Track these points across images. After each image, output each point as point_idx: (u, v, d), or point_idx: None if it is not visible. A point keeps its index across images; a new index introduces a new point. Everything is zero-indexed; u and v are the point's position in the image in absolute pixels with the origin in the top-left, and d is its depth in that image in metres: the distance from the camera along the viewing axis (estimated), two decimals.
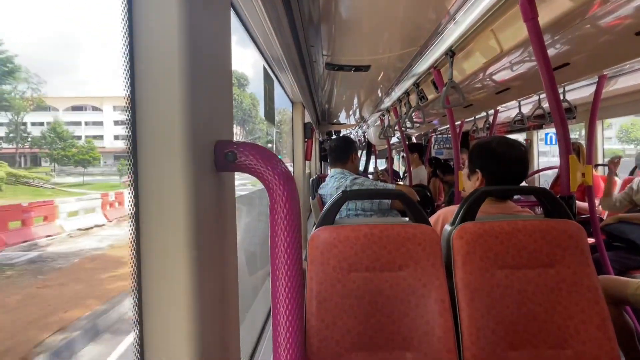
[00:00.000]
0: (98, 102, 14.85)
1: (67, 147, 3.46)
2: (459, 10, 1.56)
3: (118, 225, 8.14)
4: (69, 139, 3.74)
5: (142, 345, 0.43)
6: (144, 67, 0.42)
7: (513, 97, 2.98)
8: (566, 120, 1.37)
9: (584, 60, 1.96)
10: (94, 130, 15.14)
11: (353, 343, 1.13)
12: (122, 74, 0.43)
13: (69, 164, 3.92)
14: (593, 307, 1.11)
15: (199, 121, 0.45)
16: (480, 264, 1.14)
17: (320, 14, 1.62)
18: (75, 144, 3.77)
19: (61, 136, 3.36)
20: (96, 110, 15.04)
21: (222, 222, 0.52)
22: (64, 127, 3.67)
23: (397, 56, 2.25)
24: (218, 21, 0.54)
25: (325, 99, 4.00)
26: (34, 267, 5.59)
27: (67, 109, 15.34)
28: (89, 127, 14.98)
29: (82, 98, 16.07)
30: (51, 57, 11.78)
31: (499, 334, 1.10)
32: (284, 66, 1.81)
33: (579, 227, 1.18)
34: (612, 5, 1.30)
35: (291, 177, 0.48)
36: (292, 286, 0.47)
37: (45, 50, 10.26)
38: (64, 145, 3.39)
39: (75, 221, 7.33)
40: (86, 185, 4.70)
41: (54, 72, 14.50)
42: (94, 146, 4.09)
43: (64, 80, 9.56)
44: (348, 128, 7.06)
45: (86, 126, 14.69)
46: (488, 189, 1.27)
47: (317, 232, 1.22)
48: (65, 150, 3.50)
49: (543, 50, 1.30)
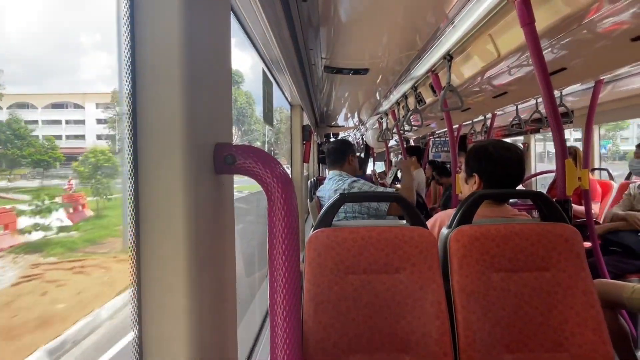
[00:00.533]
0: (80, 99, 14.22)
1: (24, 146, 3.18)
2: (457, 14, 1.57)
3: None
4: (27, 137, 3.46)
5: (141, 345, 0.44)
6: (145, 70, 0.43)
7: (510, 101, 3.00)
8: (562, 124, 1.38)
9: (580, 65, 1.98)
10: (76, 130, 14.51)
11: (350, 345, 1.13)
12: (124, 77, 0.43)
13: (25, 166, 3.54)
14: (588, 310, 1.12)
15: (199, 124, 0.45)
16: (477, 266, 1.15)
17: (319, 17, 1.63)
18: (33, 143, 3.51)
19: (18, 134, 3.09)
20: (78, 107, 14.45)
21: (221, 224, 0.53)
22: (22, 124, 3.40)
23: (395, 60, 2.26)
24: (218, 25, 0.54)
25: (324, 101, 4.01)
26: None
27: (47, 107, 14.66)
28: (70, 126, 14.31)
29: (63, 95, 15.16)
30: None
31: (495, 337, 1.11)
32: (282, 69, 1.82)
33: (575, 231, 1.18)
34: (609, 11, 1.32)
35: (289, 180, 0.48)
36: (289, 288, 0.47)
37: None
38: (21, 143, 3.13)
39: None
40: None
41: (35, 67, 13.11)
42: (55, 145, 3.86)
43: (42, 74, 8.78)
44: (346, 131, 7.08)
45: (67, 125, 14.06)
46: (485, 192, 1.28)
47: (315, 234, 1.22)
48: (22, 150, 3.22)
49: (540, 55, 1.32)
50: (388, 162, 6.07)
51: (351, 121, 5.82)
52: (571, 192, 1.39)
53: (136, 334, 0.44)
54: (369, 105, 4.11)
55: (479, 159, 1.42)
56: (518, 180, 1.40)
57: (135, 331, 0.44)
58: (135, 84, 0.43)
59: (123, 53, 0.43)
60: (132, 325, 0.44)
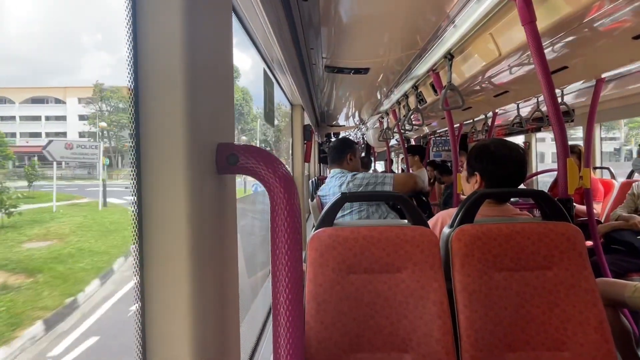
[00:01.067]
0: (61, 94, 13.17)
1: None
2: (458, 13, 1.57)
3: None
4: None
5: (144, 344, 0.44)
6: (147, 70, 0.43)
7: (512, 100, 2.99)
8: (564, 123, 1.38)
9: (581, 64, 1.98)
10: (57, 126, 13.30)
11: (352, 345, 1.13)
12: (126, 78, 0.44)
13: None
14: (591, 309, 1.12)
15: (201, 124, 0.45)
16: (479, 266, 1.15)
17: (320, 17, 1.63)
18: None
19: None
20: (59, 103, 13.23)
21: (223, 223, 0.53)
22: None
23: (396, 59, 2.26)
24: (220, 25, 0.54)
25: (325, 101, 4.01)
26: None
27: (26, 101, 13.27)
28: (50, 123, 13.09)
29: (43, 89, 13.64)
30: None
31: (497, 336, 1.11)
32: (283, 68, 1.82)
33: (577, 230, 1.18)
34: (610, 9, 1.31)
35: (292, 179, 0.48)
36: (292, 287, 0.47)
37: None
38: None
39: None
40: None
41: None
42: (4, 141, 3.69)
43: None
44: (347, 130, 7.08)
45: (47, 121, 12.91)
46: (486, 192, 1.28)
47: (317, 233, 1.22)
48: None
49: (541, 54, 1.31)
50: (389, 161, 6.07)
51: (352, 121, 5.82)
52: (573, 191, 1.39)
53: (139, 334, 0.44)
54: (370, 104, 4.11)
55: (480, 158, 1.42)
56: (519, 179, 1.40)
57: (139, 331, 0.44)
58: (137, 84, 0.43)
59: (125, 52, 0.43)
60: (136, 325, 0.44)
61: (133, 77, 0.43)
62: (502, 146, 1.39)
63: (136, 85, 0.43)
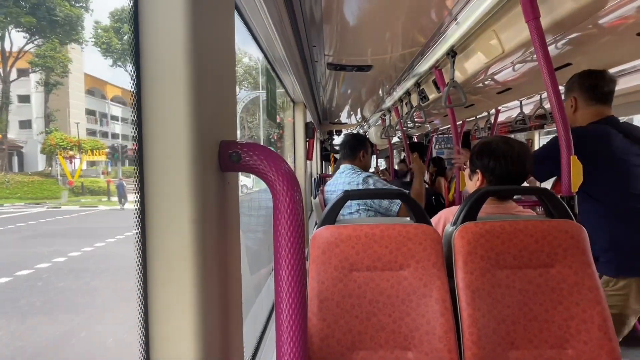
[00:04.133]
0: None
1: None
2: (461, 10, 1.56)
3: None
4: None
5: (148, 344, 0.44)
6: (150, 68, 0.43)
7: (514, 97, 2.98)
8: (567, 120, 1.37)
9: (585, 61, 1.96)
10: None
11: (354, 342, 1.13)
12: (129, 75, 0.43)
13: None
14: (594, 307, 1.11)
15: (204, 122, 0.45)
16: (482, 263, 1.15)
17: (323, 14, 1.62)
18: None
19: None
20: None
21: (226, 221, 0.53)
22: None
23: (398, 56, 2.26)
24: (222, 22, 0.54)
25: (327, 98, 4.00)
26: None
27: None
28: None
29: None
30: None
31: (500, 334, 1.11)
32: (286, 66, 1.81)
33: (580, 228, 1.18)
34: (614, 6, 1.31)
35: (295, 177, 0.48)
36: (295, 285, 0.47)
37: None
38: None
39: None
40: None
41: None
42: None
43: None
44: (349, 128, 7.07)
45: None
46: (489, 189, 1.28)
47: (319, 231, 1.22)
48: None
49: (545, 51, 1.31)
50: (391, 159, 6.06)
51: (354, 118, 5.81)
52: (576, 189, 1.38)
53: (142, 333, 0.44)
54: (372, 102, 4.11)
55: (481, 155, 1.41)
56: (522, 176, 1.39)
57: (142, 329, 0.44)
58: (140, 81, 0.43)
59: (129, 51, 0.43)
60: (139, 324, 0.44)
61: (136, 75, 0.43)
62: (503, 143, 1.38)
63: (139, 83, 0.43)
